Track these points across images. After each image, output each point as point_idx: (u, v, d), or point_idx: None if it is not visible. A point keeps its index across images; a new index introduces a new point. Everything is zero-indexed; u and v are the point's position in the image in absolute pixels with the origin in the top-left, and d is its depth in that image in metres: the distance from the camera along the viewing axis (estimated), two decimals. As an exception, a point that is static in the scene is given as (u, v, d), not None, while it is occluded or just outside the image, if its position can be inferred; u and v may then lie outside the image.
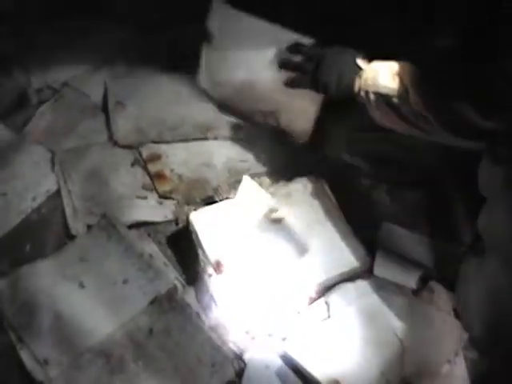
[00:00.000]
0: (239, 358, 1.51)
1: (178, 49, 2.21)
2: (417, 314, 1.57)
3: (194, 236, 1.65)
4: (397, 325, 1.55)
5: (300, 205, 1.77)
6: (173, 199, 1.80)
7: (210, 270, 1.59)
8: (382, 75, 1.42)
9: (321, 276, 1.62)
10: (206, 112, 2.02)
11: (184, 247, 1.69)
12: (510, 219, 1.12)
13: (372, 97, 1.43)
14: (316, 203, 1.78)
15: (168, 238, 1.74)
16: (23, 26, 2.21)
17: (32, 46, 2.18)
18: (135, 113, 1.99)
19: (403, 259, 1.66)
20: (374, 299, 1.60)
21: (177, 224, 1.76)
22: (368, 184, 1.84)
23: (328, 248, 1.68)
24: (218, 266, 1.58)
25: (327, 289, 1.61)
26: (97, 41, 2.23)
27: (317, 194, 1.80)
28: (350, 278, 1.64)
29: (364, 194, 1.83)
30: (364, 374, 1.48)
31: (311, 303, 1.60)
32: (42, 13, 2.25)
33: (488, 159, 1.15)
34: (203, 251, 1.61)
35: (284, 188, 1.81)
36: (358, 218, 1.76)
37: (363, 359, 1.50)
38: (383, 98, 1.39)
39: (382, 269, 1.65)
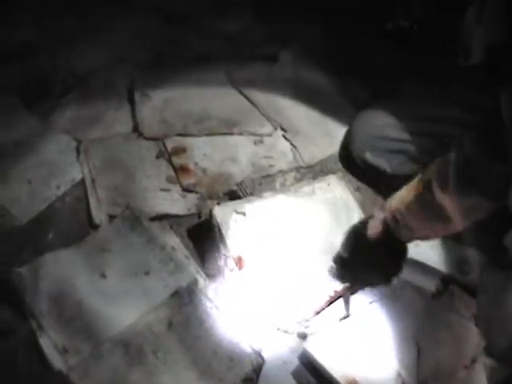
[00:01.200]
0: (258, 353, 1.51)
1: (205, 40, 2.22)
2: (435, 318, 1.57)
3: (216, 230, 1.65)
4: (415, 327, 1.55)
5: (323, 203, 1.77)
6: (196, 193, 1.80)
7: (231, 265, 1.60)
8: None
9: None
10: (233, 106, 2.02)
11: (206, 241, 1.69)
12: None
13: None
14: (339, 202, 1.78)
15: (190, 231, 1.74)
16: (48, 14, 2.22)
17: (57, 34, 2.19)
18: (161, 105, 2.00)
19: (424, 261, 1.66)
20: (393, 300, 1.60)
21: (199, 217, 1.76)
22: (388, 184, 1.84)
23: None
24: (239, 262, 1.58)
25: (347, 288, 1.61)
26: (123, 30, 2.24)
27: (340, 192, 1.80)
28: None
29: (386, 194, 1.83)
30: (381, 375, 1.48)
31: (331, 302, 1.59)
32: (67, 1, 2.26)
33: None
34: (225, 246, 1.62)
35: (308, 186, 1.81)
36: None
37: (381, 360, 1.50)
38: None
39: (403, 270, 1.65)
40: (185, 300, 1.58)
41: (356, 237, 1.49)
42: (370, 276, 1.51)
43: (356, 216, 1.73)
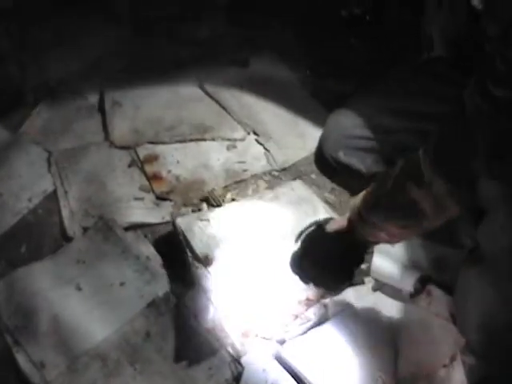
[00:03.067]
0: (236, 361, 1.50)
1: (177, 46, 2.21)
2: (413, 318, 1.57)
3: (181, 238, 1.65)
4: (393, 328, 1.55)
5: (286, 206, 1.77)
6: (170, 200, 1.79)
7: (199, 265, 1.59)
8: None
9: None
10: (205, 112, 2.02)
11: (180, 249, 1.68)
12: (508, 233, 1.12)
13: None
14: (304, 204, 1.79)
15: (164, 239, 1.73)
16: (20, 24, 2.20)
17: (28, 44, 2.17)
18: (132, 113, 2.00)
19: (400, 262, 1.66)
20: (371, 302, 1.60)
21: (173, 225, 1.75)
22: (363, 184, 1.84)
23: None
24: (206, 261, 1.58)
25: (325, 291, 1.60)
26: (94, 39, 2.23)
27: (304, 195, 1.81)
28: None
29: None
30: (360, 378, 1.48)
31: (309, 305, 1.59)
32: (39, 10, 2.24)
33: (485, 176, 1.15)
34: (191, 249, 1.62)
35: (271, 192, 1.81)
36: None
37: (359, 362, 1.50)
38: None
39: (379, 271, 1.64)
40: (161, 309, 1.57)
41: (315, 230, 1.48)
42: (330, 271, 1.50)
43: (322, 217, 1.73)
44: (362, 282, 1.64)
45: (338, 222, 1.44)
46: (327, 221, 1.47)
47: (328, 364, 1.48)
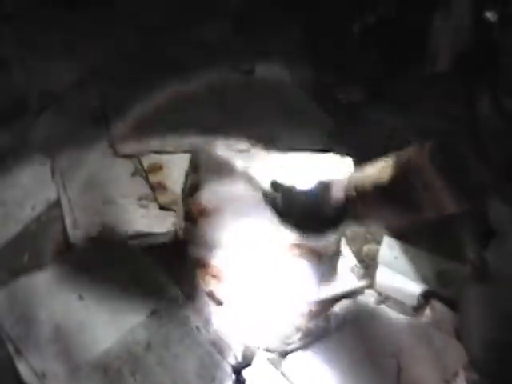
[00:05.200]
0: (239, 372, 1.50)
1: (183, 53, 2.20)
2: (416, 333, 1.56)
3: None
4: (395, 343, 1.54)
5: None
6: (173, 210, 1.78)
7: (209, 283, 1.58)
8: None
9: (322, 291, 1.61)
10: (211, 119, 2.01)
11: (184, 259, 1.68)
12: None
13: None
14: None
15: (168, 249, 1.72)
16: (24, 30, 2.20)
17: (34, 50, 2.16)
18: (136, 122, 1.98)
19: (404, 274, 1.65)
20: (374, 316, 1.59)
21: (176, 235, 1.74)
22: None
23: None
24: (216, 278, 1.57)
25: (328, 304, 1.60)
26: (98, 47, 2.21)
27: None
28: (351, 293, 1.63)
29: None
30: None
31: (312, 318, 1.58)
32: (43, 17, 2.24)
33: (497, 198, 1.15)
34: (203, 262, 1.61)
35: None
36: (361, 233, 1.76)
37: (360, 376, 1.50)
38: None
39: (383, 284, 1.64)
40: (163, 320, 1.56)
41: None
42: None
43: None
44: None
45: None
46: None
47: (328, 380, 1.47)
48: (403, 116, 1.76)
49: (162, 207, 1.78)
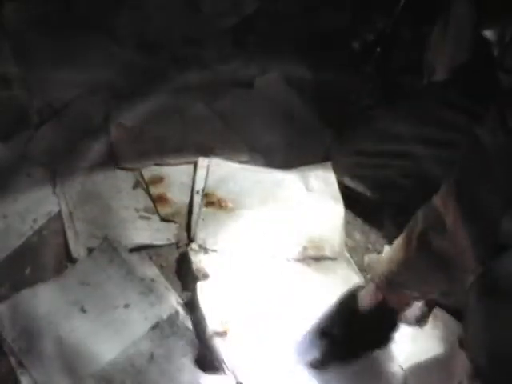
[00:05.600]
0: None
1: (182, 68, 2.21)
2: (420, 342, 1.56)
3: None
4: (399, 352, 1.54)
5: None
6: (175, 222, 1.79)
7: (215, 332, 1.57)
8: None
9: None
10: (210, 134, 2.02)
11: (185, 271, 1.68)
12: None
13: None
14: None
15: (169, 262, 1.72)
16: (23, 43, 2.20)
17: (33, 64, 2.17)
18: (137, 134, 1.99)
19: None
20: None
21: (178, 247, 1.75)
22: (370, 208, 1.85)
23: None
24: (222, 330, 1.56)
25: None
26: (98, 60, 2.22)
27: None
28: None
29: (366, 219, 1.84)
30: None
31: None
32: (43, 30, 2.25)
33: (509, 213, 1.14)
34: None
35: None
36: (362, 242, 1.77)
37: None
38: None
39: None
40: (166, 332, 1.56)
41: (348, 312, 1.47)
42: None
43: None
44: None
45: (368, 297, 1.44)
46: (354, 297, 1.47)
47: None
48: (405, 124, 1.77)
49: (164, 219, 1.78)
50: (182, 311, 1.61)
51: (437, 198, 1.25)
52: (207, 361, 1.53)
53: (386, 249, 1.46)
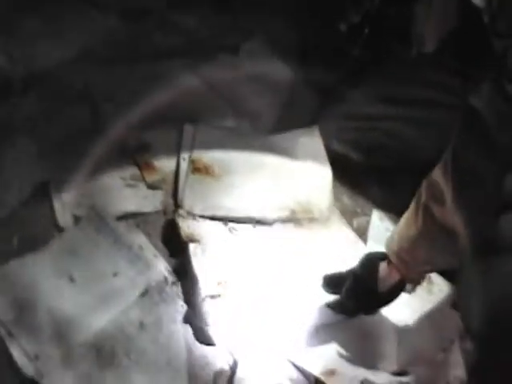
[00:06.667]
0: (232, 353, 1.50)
1: (167, 34, 2.19)
2: (414, 304, 1.57)
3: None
4: (393, 314, 1.55)
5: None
6: (161, 189, 1.78)
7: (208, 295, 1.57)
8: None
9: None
10: (198, 100, 2.01)
11: (173, 238, 1.68)
12: None
13: None
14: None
15: (156, 229, 1.72)
16: (6, 13, 2.17)
17: (15, 33, 2.14)
18: (124, 103, 1.96)
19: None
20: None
21: (165, 214, 1.74)
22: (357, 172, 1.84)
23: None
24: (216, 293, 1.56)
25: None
26: (81, 27, 2.19)
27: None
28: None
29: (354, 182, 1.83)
30: (360, 363, 1.48)
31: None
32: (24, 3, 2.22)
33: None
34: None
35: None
36: (350, 206, 1.77)
37: (359, 348, 1.50)
38: None
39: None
40: (155, 299, 1.56)
41: (365, 292, 1.46)
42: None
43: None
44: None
45: (386, 278, 1.44)
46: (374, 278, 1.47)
47: (327, 351, 1.48)
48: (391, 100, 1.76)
49: (150, 186, 1.77)
50: (170, 278, 1.60)
51: (437, 169, 1.26)
52: (197, 328, 1.54)
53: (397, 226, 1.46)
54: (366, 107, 1.82)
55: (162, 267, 1.62)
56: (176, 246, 1.66)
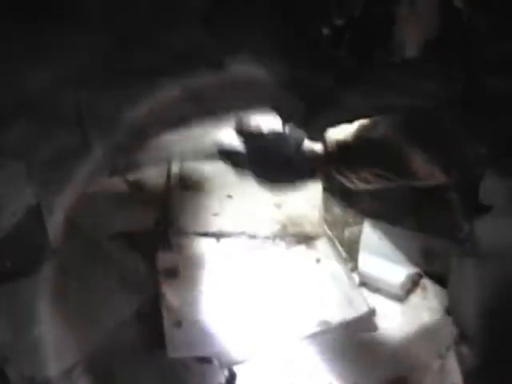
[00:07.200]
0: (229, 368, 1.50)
1: (154, 52, 2.20)
2: (408, 312, 1.58)
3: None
4: (389, 322, 1.56)
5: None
6: (153, 207, 1.78)
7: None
8: None
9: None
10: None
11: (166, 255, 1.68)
12: None
13: None
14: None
15: (149, 247, 1.72)
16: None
17: (5, 54, 2.13)
18: (112, 123, 1.96)
19: (389, 257, 1.66)
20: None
21: (157, 232, 1.74)
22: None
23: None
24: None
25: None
26: (70, 54, 2.19)
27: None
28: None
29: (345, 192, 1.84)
30: (359, 373, 1.49)
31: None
32: (15, 20, 2.22)
33: (493, 172, 1.15)
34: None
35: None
36: (341, 217, 1.77)
37: (358, 358, 1.51)
38: None
39: (368, 265, 1.65)
40: (151, 317, 1.56)
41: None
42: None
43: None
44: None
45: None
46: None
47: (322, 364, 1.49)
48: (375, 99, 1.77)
49: (142, 204, 1.78)
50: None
51: None
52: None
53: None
54: (354, 113, 1.83)
55: (156, 285, 1.62)
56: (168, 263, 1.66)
